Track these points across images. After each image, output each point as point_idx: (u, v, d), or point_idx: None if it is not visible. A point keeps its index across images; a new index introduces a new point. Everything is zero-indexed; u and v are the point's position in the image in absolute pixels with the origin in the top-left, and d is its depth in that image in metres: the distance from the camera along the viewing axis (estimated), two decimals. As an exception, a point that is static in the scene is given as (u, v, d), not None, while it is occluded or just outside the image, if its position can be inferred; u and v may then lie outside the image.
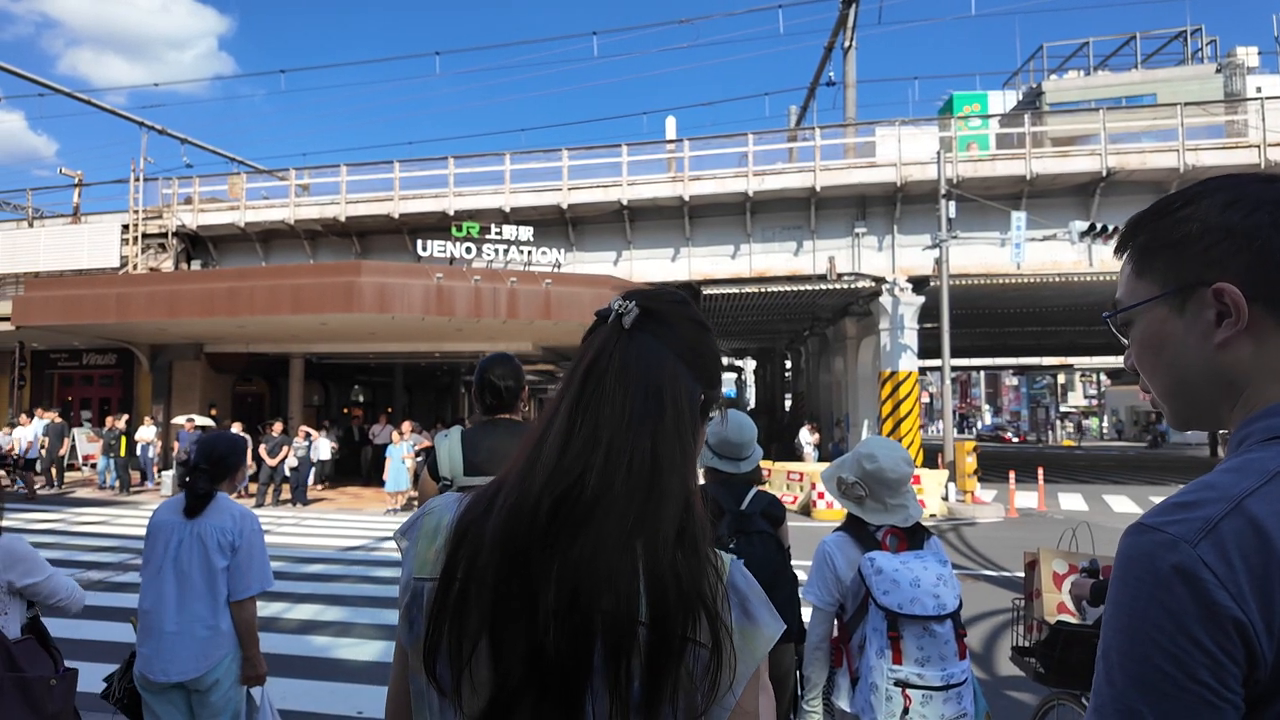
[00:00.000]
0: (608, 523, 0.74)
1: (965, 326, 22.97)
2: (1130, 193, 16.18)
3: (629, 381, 0.80)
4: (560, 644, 0.71)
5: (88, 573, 8.00)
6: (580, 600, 0.71)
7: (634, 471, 0.76)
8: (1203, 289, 0.74)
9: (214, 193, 20.93)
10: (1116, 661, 0.66)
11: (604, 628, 0.71)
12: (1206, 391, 0.76)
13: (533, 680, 0.72)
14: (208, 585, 2.60)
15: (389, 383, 26.98)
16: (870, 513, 2.31)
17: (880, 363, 17.15)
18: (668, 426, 0.79)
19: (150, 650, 2.58)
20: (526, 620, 0.72)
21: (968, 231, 15.79)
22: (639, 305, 0.85)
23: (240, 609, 2.65)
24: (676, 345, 0.84)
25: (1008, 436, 52.06)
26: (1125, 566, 0.67)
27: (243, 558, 2.64)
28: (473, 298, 14.68)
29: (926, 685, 2.11)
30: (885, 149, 17.37)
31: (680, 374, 0.82)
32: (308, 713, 4.27)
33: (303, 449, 14.96)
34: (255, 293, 14.55)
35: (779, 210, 17.52)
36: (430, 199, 18.74)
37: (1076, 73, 29.17)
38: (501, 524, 0.76)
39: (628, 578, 0.72)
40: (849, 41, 22.47)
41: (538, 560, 0.73)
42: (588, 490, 0.75)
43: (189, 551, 2.60)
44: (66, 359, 20.78)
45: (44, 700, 2.12)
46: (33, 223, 22.10)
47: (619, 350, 0.82)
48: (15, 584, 2.20)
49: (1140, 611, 0.64)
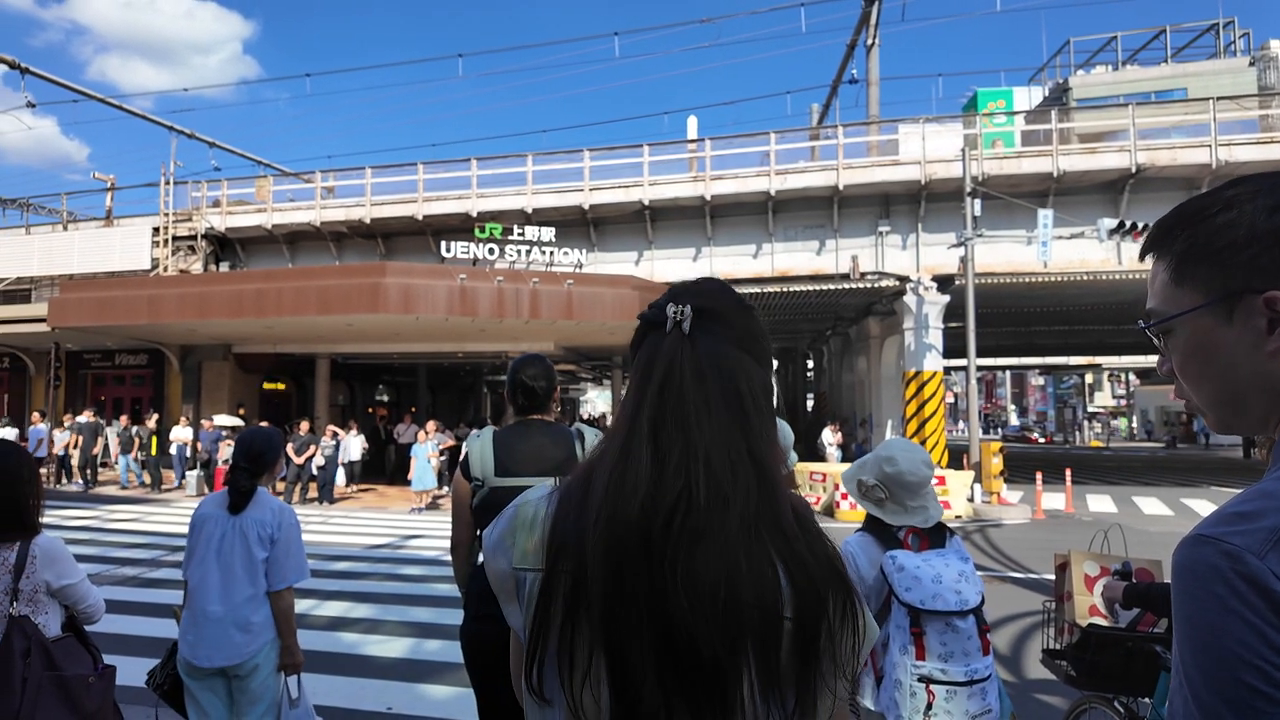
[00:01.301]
0: (729, 526, 0.75)
1: (991, 326, 22.71)
2: (1160, 189, 15.90)
3: (708, 388, 0.81)
4: (711, 643, 0.71)
5: (121, 569, 8.17)
6: (722, 598, 0.72)
7: (739, 474, 0.77)
8: (1252, 297, 0.72)
9: (241, 195, 21.25)
10: (1200, 681, 0.63)
11: (752, 620, 0.73)
12: (1256, 399, 0.75)
13: (677, 688, 0.72)
14: (249, 576, 2.72)
15: (413, 382, 27.24)
16: (890, 514, 2.33)
17: (904, 362, 17.01)
18: (754, 423, 0.80)
19: (194, 637, 2.69)
20: (652, 632, 0.73)
21: (993, 230, 15.61)
22: (692, 306, 0.85)
23: (279, 599, 2.77)
24: (735, 336, 0.85)
25: (1034, 437, 51.35)
26: (1191, 580, 0.65)
27: (280, 550, 2.76)
28: (495, 298, 14.78)
29: (950, 680, 2.13)
30: (908, 147, 17.21)
31: (748, 365, 0.84)
32: (338, 708, 4.34)
33: (330, 448, 15.10)
34: (282, 294, 14.76)
35: (801, 209, 17.44)
36: (453, 200, 18.88)
37: (1104, 68, 28.67)
38: (604, 544, 0.76)
39: (766, 569, 0.74)
40: (872, 39, 22.30)
41: (659, 574, 0.74)
42: (699, 500, 0.75)
43: (231, 544, 2.72)
44: (99, 359, 21.22)
45: (83, 698, 2.16)
46: (67, 226, 22.59)
47: (689, 358, 0.83)
48: (53, 584, 2.23)
49: (1218, 627, 0.62)
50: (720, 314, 0.86)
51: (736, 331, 0.86)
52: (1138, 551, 3.17)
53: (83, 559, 8.66)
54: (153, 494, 15.73)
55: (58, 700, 2.09)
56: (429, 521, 12.43)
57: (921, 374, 16.48)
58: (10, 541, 2.15)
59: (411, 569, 8.48)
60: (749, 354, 0.85)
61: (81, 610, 2.31)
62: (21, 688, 2.03)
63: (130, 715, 2.71)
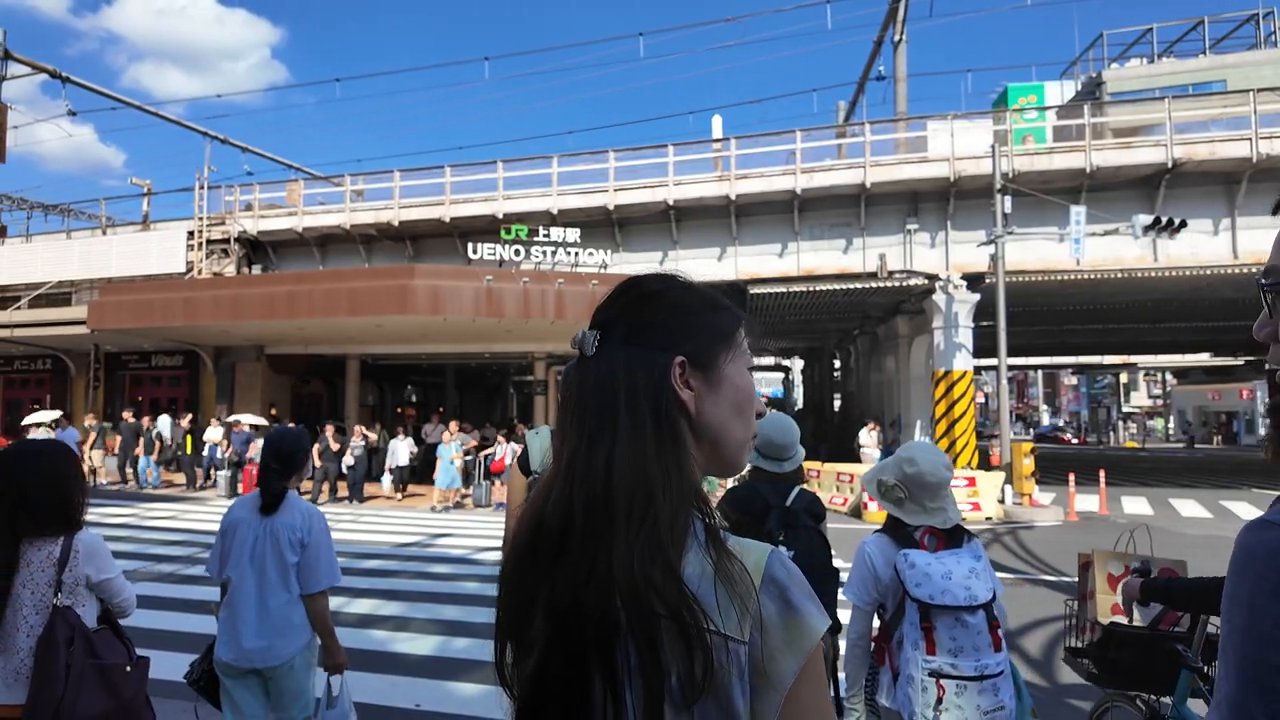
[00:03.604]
0: (581, 544, 0.76)
1: (1022, 324, 22.34)
2: (1198, 184, 15.54)
3: (583, 410, 0.82)
4: (564, 645, 0.75)
5: (158, 565, 8.35)
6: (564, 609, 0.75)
7: (590, 496, 0.77)
8: None
9: (273, 199, 21.62)
10: (1233, 659, 0.64)
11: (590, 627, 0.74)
12: None
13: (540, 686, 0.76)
14: (282, 579, 2.77)
15: (441, 383, 27.49)
16: (910, 514, 2.36)
17: (934, 362, 16.80)
18: (619, 437, 0.79)
19: (230, 638, 2.76)
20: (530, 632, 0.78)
21: (1024, 227, 15.37)
22: (597, 325, 0.87)
23: (312, 602, 2.81)
24: (627, 333, 0.84)
25: (1066, 438, 50.47)
26: (1245, 561, 0.65)
27: (311, 554, 2.80)
28: (522, 299, 14.87)
29: (960, 675, 2.17)
30: (937, 144, 17.00)
31: (635, 367, 0.82)
32: (368, 705, 4.40)
33: (358, 448, 15.20)
34: (313, 295, 14.99)
35: (828, 208, 17.31)
36: (480, 202, 19.03)
37: (1139, 60, 28.04)
38: (511, 554, 0.83)
39: (610, 581, 0.74)
40: (899, 35, 22.08)
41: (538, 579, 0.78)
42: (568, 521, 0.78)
43: (264, 548, 2.77)
44: (137, 360, 21.72)
45: (121, 686, 2.25)
46: (105, 231, 23.16)
47: (577, 380, 0.85)
48: (93, 578, 2.32)
49: (1261, 607, 0.62)
50: (615, 318, 0.86)
51: (629, 327, 0.85)
52: (1165, 552, 3.13)
53: (120, 555, 8.86)
54: (188, 492, 16.06)
55: (97, 686, 2.19)
56: (457, 521, 12.55)
57: (951, 373, 16.27)
58: (56, 536, 2.25)
59: (440, 567, 8.56)
60: (644, 346, 0.83)
61: (116, 604, 2.40)
62: (65, 674, 2.14)
63: (165, 709, 2.77)
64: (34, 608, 2.19)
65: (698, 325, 0.86)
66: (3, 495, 2.20)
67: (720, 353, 0.86)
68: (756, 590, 0.75)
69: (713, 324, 0.87)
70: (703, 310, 0.88)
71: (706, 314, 0.88)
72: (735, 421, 0.86)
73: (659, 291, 0.88)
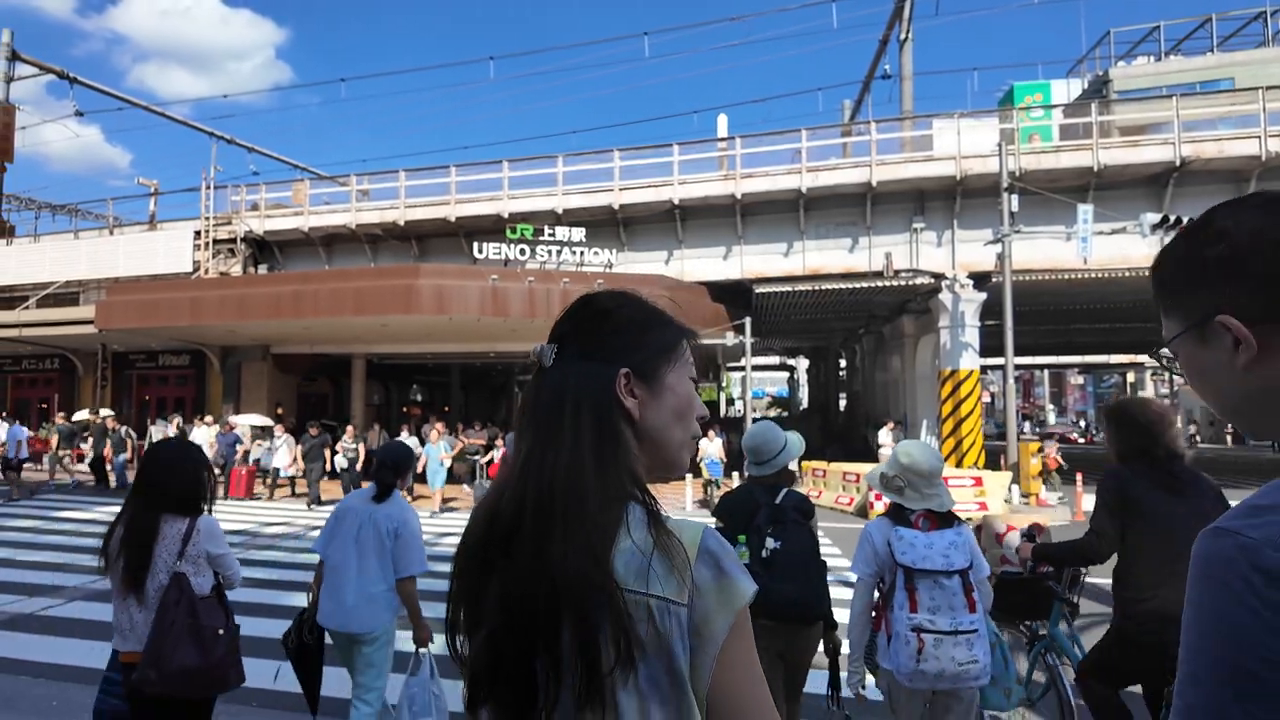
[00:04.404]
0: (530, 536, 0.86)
1: (1028, 324, 22.25)
2: (1207, 183, 15.46)
3: (536, 417, 0.92)
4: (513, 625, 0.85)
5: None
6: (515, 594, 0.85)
7: (540, 495, 0.87)
8: (1214, 321, 0.78)
9: (279, 199, 21.68)
10: (1203, 664, 0.67)
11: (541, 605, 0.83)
12: (1253, 407, 0.80)
13: (491, 658, 0.87)
14: (379, 562, 3.27)
15: (446, 382, 27.56)
16: (910, 500, 2.78)
17: (940, 361, 16.76)
18: (563, 443, 0.89)
19: (331, 608, 3.27)
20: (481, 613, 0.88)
21: (1031, 226, 15.30)
22: (554, 339, 0.97)
23: (403, 585, 3.32)
24: (580, 347, 0.94)
25: (1074, 437, 50.26)
26: (1205, 570, 0.68)
27: (404, 544, 3.31)
28: (527, 299, 14.89)
29: (937, 630, 2.58)
30: (942, 142, 16.95)
31: (585, 379, 0.92)
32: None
33: (351, 450, 14.49)
34: (319, 295, 15.03)
35: (833, 207, 17.27)
36: (485, 202, 19.05)
37: (1146, 58, 27.90)
38: (465, 545, 0.93)
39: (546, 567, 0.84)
40: (905, 33, 22.03)
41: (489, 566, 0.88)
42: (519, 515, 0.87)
43: (367, 533, 3.28)
44: (144, 360, 21.80)
45: (211, 646, 2.63)
46: (113, 231, 23.24)
47: (534, 389, 0.96)
48: (210, 553, 2.75)
49: (1227, 614, 0.65)
50: (570, 334, 0.96)
51: (587, 340, 0.95)
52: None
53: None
54: None
55: (191, 644, 2.59)
56: (460, 521, 12.54)
57: (958, 373, 16.22)
58: (185, 516, 2.73)
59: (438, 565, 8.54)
60: (596, 360, 0.93)
61: (225, 576, 2.83)
62: (170, 629, 2.57)
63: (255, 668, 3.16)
64: (166, 572, 2.65)
65: (643, 341, 0.96)
66: (151, 483, 2.73)
67: (662, 365, 0.96)
68: (691, 561, 0.84)
69: (657, 339, 0.97)
70: (649, 326, 0.98)
71: (653, 330, 0.98)
72: (675, 426, 0.96)
73: (610, 309, 0.98)
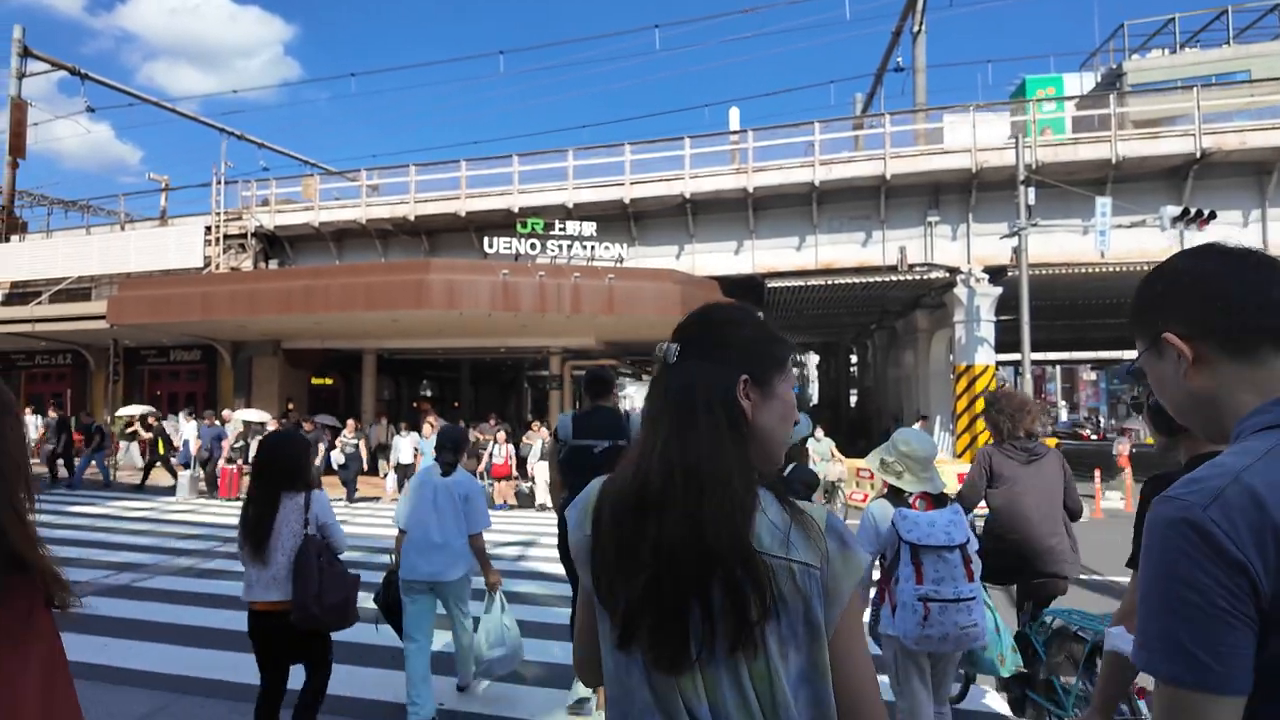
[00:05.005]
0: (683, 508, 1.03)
1: (1044, 319, 21.99)
2: (1227, 175, 15.23)
3: (671, 406, 1.10)
4: (669, 580, 1.02)
5: (177, 559, 8.34)
6: (666, 549, 1.02)
7: (688, 474, 1.04)
8: (1162, 338, 1.00)
9: (289, 194, 21.66)
10: (1154, 601, 0.87)
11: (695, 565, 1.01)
12: (1200, 413, 1.00)
13: (649, 599, 1.03)
14: (454, 520, 4.08)
15: (456, 378, 27.51)
16: (908, 484, 3.07)
17: (954, 356, 16.59)
18: (701, 429, 1.07)
19: (416, 559, 4.04)
20: (638, 561, 1.04)
21: (1048, 219, 15.09)
22: (678, 340, 1.16)
23: (474, 539, 4.14)
24: (711, 352, 1.13)
25: (1086, 434, 49.85)
26: (1152, 527, 0.89)
27: (472, 506, 4.13)
28: (537, 293, 14.80)
29: (942, 599, 2.88)
30: (954, 135, 16.76)
31: (716, 380, 1.10)
32: (385, 703, 4.32)
33: (351, 445, 14.19)
34: (330, 290, 14.99)
35: (847, 200, 17.10)
36: (495, 197, 18.97)
37: (1161, 51, 27.52)
38: (613, 510, 1.10)
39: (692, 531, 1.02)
40: (918, 25, 21.81)
41: (643, 530, 1.05)
42: (668, 489, 1.05)
43: (443, 499, 4.09)
44: (155, 355, 21.83)
45: (349, 585, 3.36)
46: (124, 226, 23.29)
47: (662, 383, 1.14)
48: (322, 521, 3.38)
49: (1169, 560, 0.86)
50: (696, 341, 1.15)
51: (707, 347, 1.13)
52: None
53: (141, 549, 8.85)
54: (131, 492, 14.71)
55: (336, 585, 3.30)
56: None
57: (973, 368, 16.05)
58: (299, 492, 3.37)
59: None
60: (713, 361, 1.12)
61: (333, 542, 3.43)
62: (319, 576, 3.25)
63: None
64: (289, 536, 3.29)
65: (760, 353, 1.15)
66: (270, 464, 3.39)
67: (775, 375, 1.15)
68: (823, 533, 1.05)
69: (771, 353, 1.16)
70: (765, 341, 1.16)
71: (770, 344, 1.16)
72: (780, 427, 1.14)
73: (734, 320, 1.18)
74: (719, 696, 1.01)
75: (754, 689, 1.01)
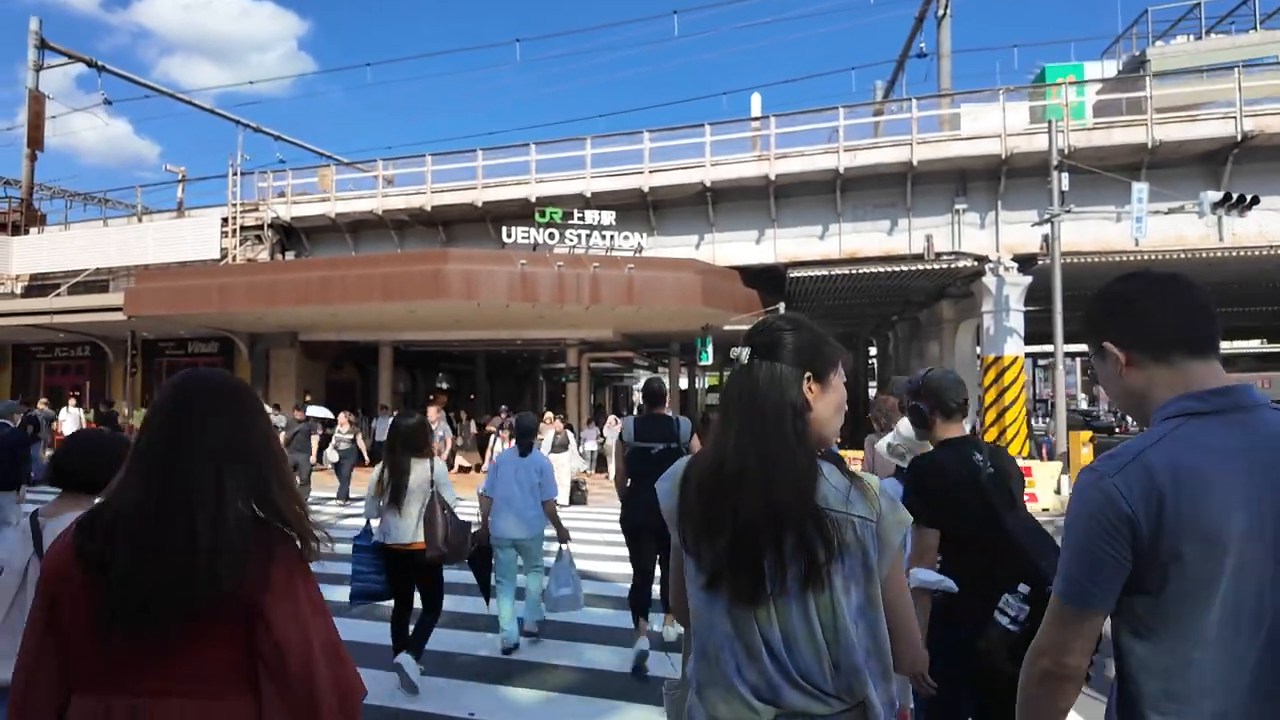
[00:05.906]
0: (757, 480, 1.31)
1: (1068, 310, 21.48)
2: (1270, 159, 14.71)
3: (746, 401, 1.38)
4: (747, 535, 1.30)
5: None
6: (744, 514, 1.30)
7: (761, 454, 1.32)
8: (1103, 346, 1.32)
9: (305, 186, 21.54)
10: (1069, 556, 1.22)
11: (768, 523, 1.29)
12: (1132, 403, 1.31)
13: (732, 558, 1.31)
14: (532, 490, 5.09)
15: (471, 370, 27.39)
16: None
17: (982, 348, 16.21)
18: (770, 421, 1.34)
19: (503, 522, 5.08)
20: (721, 522, 1.33)
21: (1079, 206, 14.62)
22: (749, 345, 1.42)
23: (547, 505, 5.12)
24: (777, 355, 1.39)
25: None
26: (1073, 495, 1.22)
27: (545, 478, 5.14)
28: (556, 284, 14.57)
29: None
30: (971, 124, 16.34)
31: (782, 378, 1.37)
32: (413, 711, 4.11)
33: (345, 441, 13.22)
34: (347, 281, 14.84)
35: (871, 187, 16.71)
36: (513, 186, 18.72)
37: (1185, 38, 26.82)
38: (699, 485, 1.38)
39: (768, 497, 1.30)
40: (943, 10, 21.35)
41: (725, 498, 1.33)
42: (734, 464, 1.34)
43: (523, 474, 5.11)
44: (173, 347, 21.84)
45: (466, 532, 4.56)
46: (141, 219, 23.27)
47: (737, 382, 1.41)
48: (440, 482, 4.49)
49: (1081, 514, 1.20)
50: (765, 345, 1.40)
51: (779, 351, 1.39)
52: None
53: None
54: None
55: (458, 531, 4.43)
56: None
57: (1001, 359, 15.67)
58: (423, 460, 4.53)
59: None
60: (788, 363, 1.38)
61: (448, 500, 4.48)
62: (445, 523, 4.36)
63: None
64: (419, 494, 4.39)
65: (819, 353, 1.41)
66: (397, 438, 4.54)
67: (831, 371, 1.42)
68: (877, 495, 1.34)
69: (828, 353, 1.42)
70: (821, 344, 1.42)
71: (825, 346, 1.42)
72: (834, 416, 1.42)
73: (797, 328, 1.43)
74: (789, 625, 1.29)
75: (819, 619, 1.28)
